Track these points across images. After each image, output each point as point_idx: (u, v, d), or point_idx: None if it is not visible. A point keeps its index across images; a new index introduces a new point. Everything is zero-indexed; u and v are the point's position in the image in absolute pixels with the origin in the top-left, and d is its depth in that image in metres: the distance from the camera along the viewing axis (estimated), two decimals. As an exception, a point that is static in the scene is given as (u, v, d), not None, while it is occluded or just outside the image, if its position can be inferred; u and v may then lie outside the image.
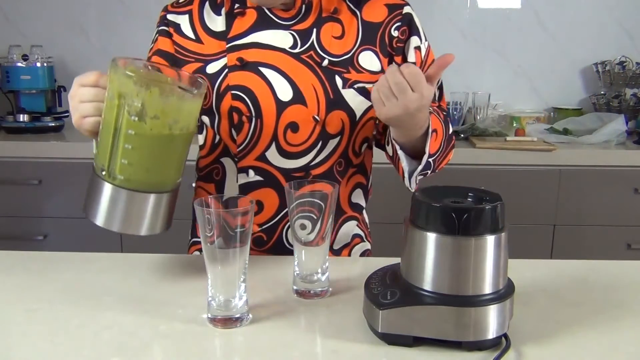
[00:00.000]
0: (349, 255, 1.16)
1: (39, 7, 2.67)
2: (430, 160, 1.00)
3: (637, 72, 2.59)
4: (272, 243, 1.10)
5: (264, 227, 1.09)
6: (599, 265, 1.04)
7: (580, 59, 2.72)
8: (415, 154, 1.01)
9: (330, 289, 0.90)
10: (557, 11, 2.68)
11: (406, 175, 1.02)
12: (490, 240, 0.71)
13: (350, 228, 1.16)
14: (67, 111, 2.56)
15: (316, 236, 0.87)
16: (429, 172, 1.03)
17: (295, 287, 0.90)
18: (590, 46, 2.70)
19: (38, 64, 2.45)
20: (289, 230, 1.08)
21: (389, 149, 1.05)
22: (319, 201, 0.85)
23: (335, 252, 1.15)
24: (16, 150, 2.24)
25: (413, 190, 0.97)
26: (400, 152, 1.00)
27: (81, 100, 0.90)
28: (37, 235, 2.29)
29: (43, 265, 1.00)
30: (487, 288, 0.72)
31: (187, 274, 0.98)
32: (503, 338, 0.73)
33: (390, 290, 0.75)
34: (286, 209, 1.06)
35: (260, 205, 1.08)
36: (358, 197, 1.16)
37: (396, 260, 0.81)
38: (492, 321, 0.72)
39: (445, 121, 1.06)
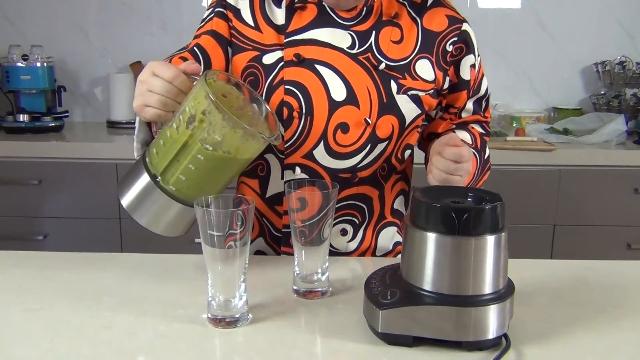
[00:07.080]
0: None
1: (39, 7, 2.67)
2: None
3: (637, 72, 2.59)
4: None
5: (307, 223, 1.10)
6: (599, 265, 1.04)
7: (580, 59, 2.72)
8: None
9: (330, 289, 0.90)
10: (557, 11, 2.68)
11: None
12: (490, 240, 0.72)
13: (390, 234, 1.15)
14: (67, 111, 2.56)
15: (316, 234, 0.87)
16: None
17: (295, 287, 0.90)
18: (590, 46, 2.70)
19: (38, 64, 2.45)
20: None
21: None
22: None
23: None
24: (16, 150, 2.23)
25: None
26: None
27: (149, 90, 0.87)
28: (37, 235, 2.28)
29: (43, 265, 1.00)
30: (487, 288, 0.72)
31: (187, 274, 0.98)
32: (503, 338, 0.74)
33: (390, 290, 0.75)
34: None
35: (304, 203, 1.08)
36: (400, 204, 1.16)
37: (396, 260, 0.81)
38: (492, 321, 0.72)
39: (481, 148, 1.11)
